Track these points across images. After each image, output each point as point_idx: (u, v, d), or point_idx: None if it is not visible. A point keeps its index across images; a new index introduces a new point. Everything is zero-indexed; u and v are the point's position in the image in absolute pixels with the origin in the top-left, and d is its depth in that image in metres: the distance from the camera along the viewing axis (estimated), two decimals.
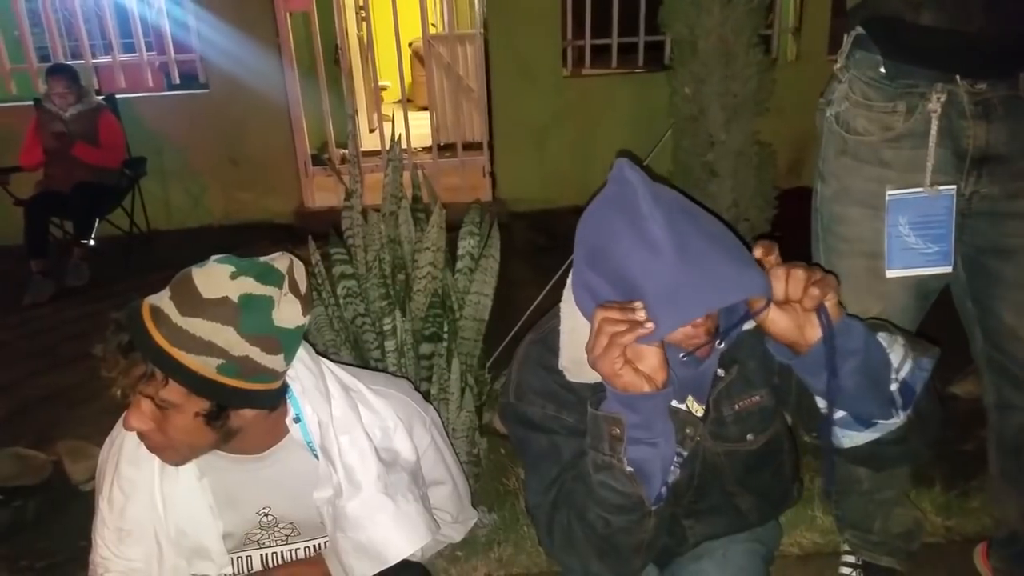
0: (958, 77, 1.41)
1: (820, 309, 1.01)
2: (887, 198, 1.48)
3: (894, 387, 1.11)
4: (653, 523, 1.12)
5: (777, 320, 1.05)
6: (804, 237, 1.70)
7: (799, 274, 1.00)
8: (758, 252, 1.04)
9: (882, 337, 1.12)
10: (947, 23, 1.33)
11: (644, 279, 1.00)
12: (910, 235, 1.49)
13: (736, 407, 1.25)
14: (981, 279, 1.56)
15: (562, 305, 1.21)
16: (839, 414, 1.14)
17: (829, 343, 1.03)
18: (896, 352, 1.12)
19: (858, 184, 1.53)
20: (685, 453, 1.22)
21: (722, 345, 1.14)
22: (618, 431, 1.05)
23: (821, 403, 1.15)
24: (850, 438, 1.17)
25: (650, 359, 1.02)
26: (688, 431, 1.23)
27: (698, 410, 1.24)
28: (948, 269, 1.51)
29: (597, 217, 1.10)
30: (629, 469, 1.06)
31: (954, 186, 1.46)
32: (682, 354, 1.10)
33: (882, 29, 1.44)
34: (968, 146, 1.44)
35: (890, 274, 1.52)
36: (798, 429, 1.33)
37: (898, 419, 1.12)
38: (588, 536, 1.14)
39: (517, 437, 1.30)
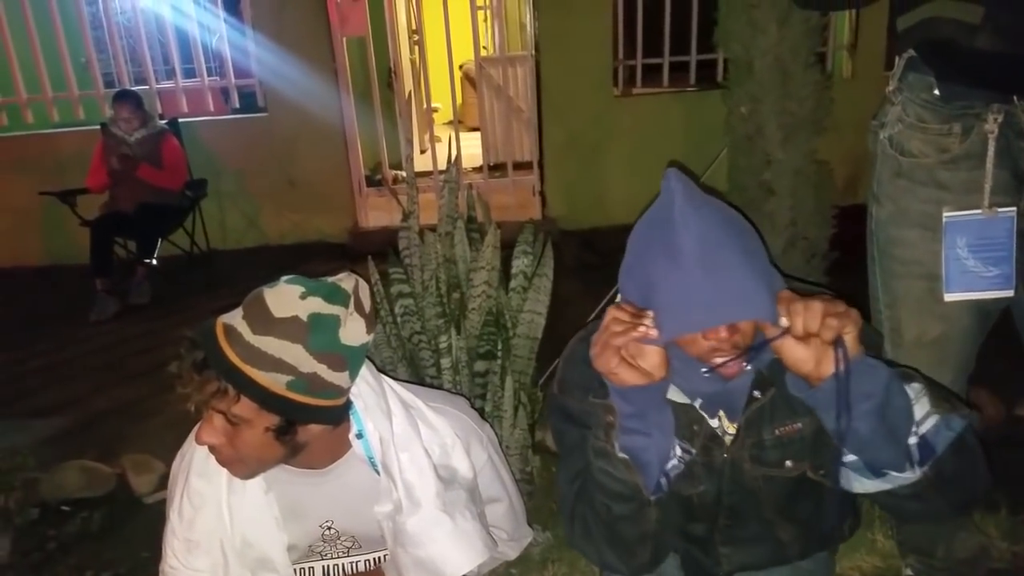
0: (1015, 98, 1.39)
1: (837, 342, 1.00)
2: (944, 220, 1.46)
3: (912, 440, 1.08)
4: (655, 515, 1.15)
5: (793, 350, 1.03)
6: (863, 254, 1.69)
7: (816, 306, 1.00)
8: (781, 298, 1.04)
9: (911, 388, 1.09)
10: (1002, 46, 1.31)
11: (660, 284, 1.04)
12: (969, 258, 1.45)
13: (776, 432, 1.23)
14: None
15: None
16: (850, 457, 1.12)
17: (843, 379, 1.01)
18: (922, 405, 1.08)
19: (915, 206, 1.51)
20: (694, 450, 1.22)
21: (748, 367, 1.12)
22: (611, 418, 1.11)
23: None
24: (861, 484, 1.16)
25: (651, 358, 1.06)
26: (712, 446, 1.23)
27: (730, 427, 1.24)
28: (1010, 293, 1.47)
29: (640, 226, 1.14)
30: (622, 456, 1.11)
31: (1014, 208, 1.43)
32: (704, 369, 1.10)
33: (936, 52, 1.42)
34: None
35: (948, 298, 1.49)
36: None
37: (912, 474, 1.09)
38: (596, 523, 1.19)
39: (556, 430, 1.34)
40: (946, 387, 1.21)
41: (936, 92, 1.45)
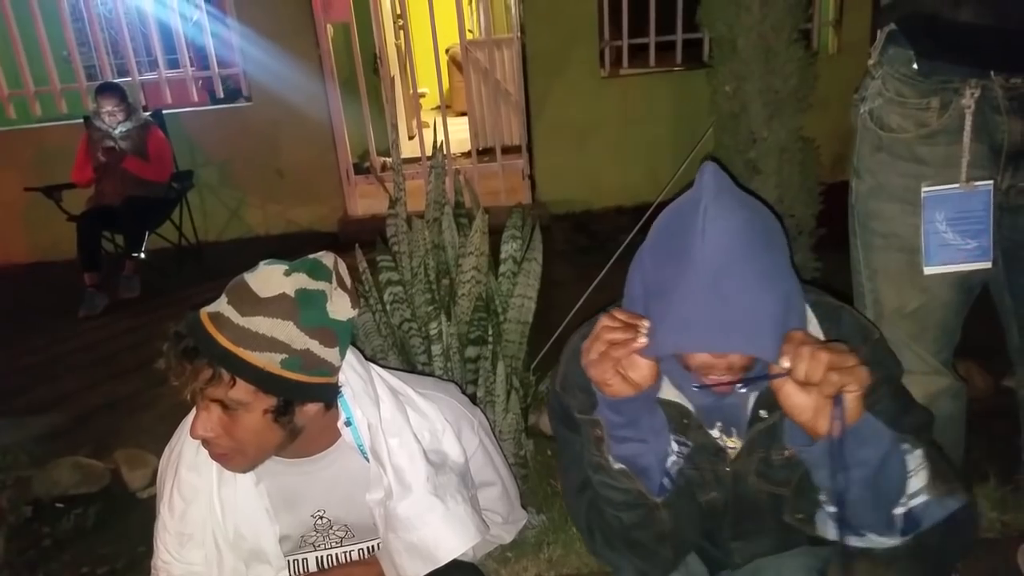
0: (992, 72, 1.39)
1: (836, 400, 0.94)
2: (923, 194, 1.47)
3: (899, 511, 1.03)
4: (668, 515, 1.13)
5: (792, 395, 0.98)
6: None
7: (822, 356, 0.93)
8: (791, 338, 0.97)
9: (913, 456, 1.03)
10: (986, 19, 1.31)
11: (666, 292, 0.98)
12: (947, 231, 1.47)
13: (786, 453, 1.17)
14: (1018, 273, 1.54)
15: (624, 303, 1.21)
16: (830, 508, 1.08)
17: (837, 439, 0.96)
18: (919, 478, 1.03)
19: (894, 180, 1.52)
20: (690, 444, 1.18)
21: (743, 390, 1.07)
22: (599, 432, 1.09)
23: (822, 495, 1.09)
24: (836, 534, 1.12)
25: (642, 369, 1.02)
26: (715, 459, 1.20)
27: (730, 442, 1.20)
28: (988, 265, 1.49)
29: (665, 214, 1.07)
30: (618, 466, 1.09)
31: (991, 181, 1.44)
32: (695, 384, 1.07)
33: (918, 26, 1.43)
34: (1003, 141, 1.43)
35: (928, 271, 1.50)
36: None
37: (892, 541, 1.05)
38: (611, 534, 1.17)
39: (559, 435, 1.31)
40: (952, 461, 1.14)
41: (915, 66, 1.46)
